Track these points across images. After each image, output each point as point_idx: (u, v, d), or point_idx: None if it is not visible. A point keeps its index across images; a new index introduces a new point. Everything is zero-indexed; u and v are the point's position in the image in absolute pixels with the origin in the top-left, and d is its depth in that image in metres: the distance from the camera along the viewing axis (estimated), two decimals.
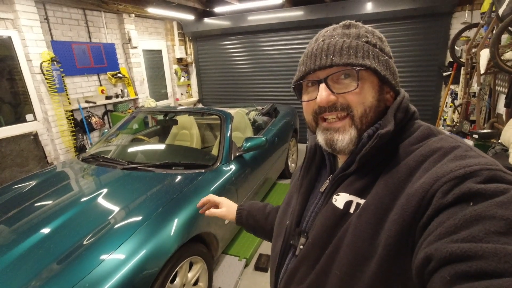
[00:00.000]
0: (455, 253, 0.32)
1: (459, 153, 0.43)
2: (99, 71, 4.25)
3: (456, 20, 4.13)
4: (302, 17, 4.94)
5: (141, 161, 2.28)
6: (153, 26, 5.31)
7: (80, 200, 1.75)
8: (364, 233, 0.46)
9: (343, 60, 0.51)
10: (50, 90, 3.43)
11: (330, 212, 0.53)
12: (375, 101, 0.53)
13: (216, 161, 2.20)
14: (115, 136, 2.86)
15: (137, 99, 4.86)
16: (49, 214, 1.61)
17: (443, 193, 0.38)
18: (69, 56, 3.81)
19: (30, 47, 3.26)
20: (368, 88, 0.53)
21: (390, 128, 0.49)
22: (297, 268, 0.57)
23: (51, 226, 1.51)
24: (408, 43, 4.46)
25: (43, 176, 2.18)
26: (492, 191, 0.35)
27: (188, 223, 1.64)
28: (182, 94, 6.16)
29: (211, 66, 6.08)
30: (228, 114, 2.62)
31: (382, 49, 0.54)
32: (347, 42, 0.52)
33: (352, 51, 0.52)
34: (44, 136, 3.61)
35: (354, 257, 0.47)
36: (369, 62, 0.51)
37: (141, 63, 4.97)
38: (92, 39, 4.15)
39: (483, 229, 0.32)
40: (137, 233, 1.43)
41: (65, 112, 3.67)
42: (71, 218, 1.57)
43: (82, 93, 4.07)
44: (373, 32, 0.56)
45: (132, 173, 2.06)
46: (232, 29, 5.45)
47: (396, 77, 0.55)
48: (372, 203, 0.47)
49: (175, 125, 3.25)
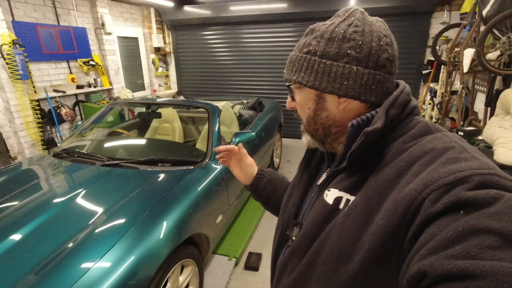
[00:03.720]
0: (451, 271, 0.31)
1: (451, 156, 0.41)
2: (68, 58, 3.89)
3: (435, 20, 4.26)
4: (286, 9, 4.85)
5: (122, 157, 2.10)
6: (128, 11, 4.97)
7: (54, 202, 1.56)
8: (349, 233, 0.46)
9: (285, 76, 0.57)
10: (12, 76, 3.07)
11: (320, 207, 0.54)
12: (311, 112, 0.55)
13: (205, 157, 2.07)
14: (89, 129, 2.62)
15: (111, 90, 4.54)
16: (19, 218, 1.41)
17: (432, 202, 0.37)
18: (34, 40, 3.44)
19: None
20: (304, 100, 0.56)
21: (378, 125, 0.47)
22: (289, 258, 0.59)
23: (21, 232, 1.32)
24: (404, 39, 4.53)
25: (8, 173, 1.93)
26: (483, 198, 0.34)
27: (180, 225, 1.52)
28: (160, 86, 5.87)
29: (191, 57, 5.84)
30: (216, 107, 2.49)
31: (326, 53, 0.51)
32: (292, 56, 0.55)
33: (290, 66, 0.55)
34: (6, 128, 3.25)
35: (338, 255, 0.47)
36: (295, 76, 0.53)
37: (116, 51, 4.63)
38: (61, 22, 3.78)
39: (477, 244, 0.31)
40: (124, 239, 1.28)
41: (30, 102, 3.32)
42: (46, 222, 1.39)
43: (50, 81, 3.71)
44: (323, 34, 0.51)
45: (114, 170, 1.88)
46: (214, 19, 5.24)
47: (344, 81, 0.50)
48: (359, 203, 0.47)
49: (156, 119, 3.06)
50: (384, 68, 0.51)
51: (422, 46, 4.44)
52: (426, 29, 4.35)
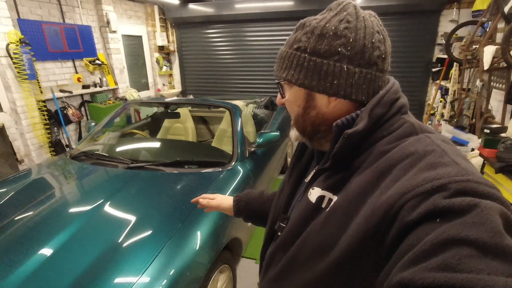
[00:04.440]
0: (431, 285, 0.31)
1: (431, 161, 0.41)
2: (74, 57, 3.77)
3: (444, 18, 4.26)
4: (292, 7, 4.80)
5: (146, 159, 2.02)
6: (132, 9, 4.85)
7: (83, 210, 1.47)
8: (329, 233, 0.47)
9: (275, 72, 0.55)
10: (19, 76, 2.95)
11: (304, 205, 0.56)
12: (301, 110, 0.55)
13: (232, 158, 2.01)
14: (104, 131, 2.53)
15: (117, 89, 4.43)
16: (45, 230, 1.31)
17: (408, 210, 0.38)
18: (40, 38, 3.32)
19: None
20: (294, 97, 0.55)
21: (359, 127, 0.47)
22: (275, 252, 0.61)
23: (51, 246, 1.21)
24: (397, 38, 4.52)
25: (25, 178, 1.83)
26: (458, 206, 0.34)
27: (218, 231, 1.45)
28: (164, 85, 5.77)
29: (195, 55, 5.75)
30: (237, 107, 2.43)
31: (316, 51, 0.49)
32: (282, 52, 0.54)
33: (280, 63, 0.54)
34: (12, 130, 3.13)
35: (317, 252, 0.49)
36: (285, 73, 0.52)
37: (120, 50, 4.52)
38: (66, 19, 3.66)
39: (455, 255, 0.32)
40: (163, 252, 1.20)
41: (37, 102, 3.21)
42: (76, 234, 1.28)
43: (56, 81, 3.59)
44: (314, 30, 0.49)
45: (139, 174, 1.80)
46: (219, 17, 5.16)
47: (334, 79, 0.49)
48: (340, 206, 0.48)
49: (167, 119, 2.98)
50: (376, 66, 0.49)
51: (430, 44, 4.44)
52: (434, 27, 4.35)
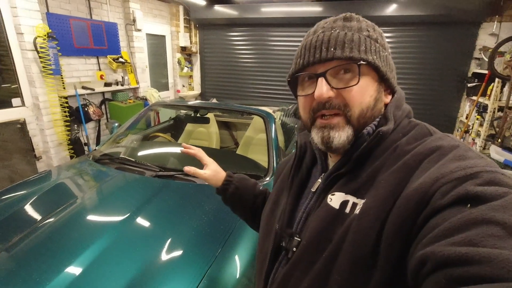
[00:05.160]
0: (451, 257, 0.32)
1: (458, 153, 0.42)
2: (98, 54, 3.70)
3: (483, 31, 4.04)
4: (321, 13, 4.65)
5: (175, 167, 1.87)
6: (158, 8, 4.79)
7: (112, 222, 1.34)
8: (366, 237, 0.44)
9: (345, 53, 0.49)
10: (44, 71, 2.87)
11: (325, 212, 0.51)
12: (372, 100, 0.52)
13: (268, 172, 1.85)
14: (128, 133, 2.40)
15: (137, 88, 4.34)
16: (71, 245, 1.16)
17: (442, 194, 0.38)
18: (67, 33, 3.25)
19: (22, 17, 2.69)
20: (367, 85, 0.51)
21: (391, 126, 0.49)
22: (291, 272, 0.54)
23: (79, 263, 1.07)
24: (431, 49, 4.33)
25: (44, 181, 1.71)
26: (491, 194, 0.35)
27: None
28: (184, 86, 5.67)
29: (216, 58, 5.64)
30: (270, 114, 2.27)
31: (382, 44, 0.52)
32: (349, 35, 0.50)
33: (354, 45, 0.50)
34: (33, 125, 3.05)
35: (355, 263, 0.44)
36: (371, 57, 0.50)
37: (144, 48, 4.44)
38: (93, 15, 3.59)
39: (480, 233, 0.32)
40: (203, 282, 1.04)
41: (59, 99, 3.12)
42: (106, 251, 1.13)
43: (79, 77, 3.51)
44: (374, 26, 0.53)
45: (170, 184, 1.66)
46: (243, 19, 5.05)
47: (394, 75, 0.55)
48: (373, 205, 0.45)
49: (195, 123, 2.85)
50: None
51: (466, 58, 4.22)
52: (472, 40, 4.12)
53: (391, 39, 4.49)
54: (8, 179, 2.85)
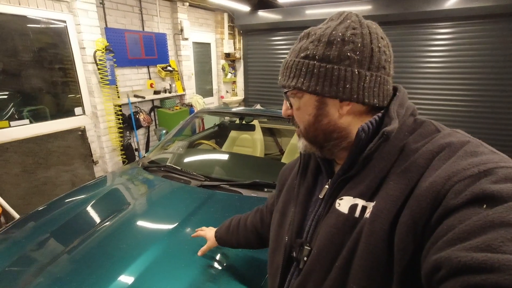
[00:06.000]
0: (468, 263, 0.29)
1: (469, 149, 0.40)
2: (149, 63, 3.89)
3: None
4: (370, 11, 4.36)
5: (220, 177, 1.84)
6: (203, 17, 4.93)
7: (161, 231, 1.33)
8: (380, 241, 0.42)
9: (282, 82, 0.54)
10: (102, 81, 3.09)
11: (334, 219, 0.50)
12: (311, 118, 0.52)
13: None
14: (172, 141, 2.44)
15: (184, 95, 4.49)
16: (124, 252, 1.18)
17: (455, 193, 0.36)
18: (122, 46, 3.47)
19: (84, 33, 2.93)
20: (304, 105, 0.52)
21: (396, 125, 0.47)
22: (304, 284, 0.52)
23: (129, 273, 1.06)
24: (498, 45, 3.78)
25: (101, 186, 1.78)
26: (507, 193, 0.32)
27: None
28: (227, 92, 5.76)
29: (259, 63, 5.62)
30: None
31: (324, 58, 0.48)
32: (289, 61, 0.53)
33: (287, 72, 0.53)
34: (91, 132, 3.29)
35: (372, 269, 0.42)
36: (293, 82, 0.51)
37: (190, 56, 4.59)
38: (145, 27, 3.80)
39: (498, 237, 0.29)
40: None
41: (114, 107, 3.34)
42: (156, 261, 1.12)
43: (131, 86, 3.73)
44: (327, 35, 0.48)
45: (215, 195, 1.62)
46: (287, 23, 4.95)
47: (349, 83, 0.48)
48: (384, 207, 0.43)
49: (240, 130, 2.82)
50: (384, 70, 0.49)
51: None
52: None
53: (450, 35, 4.03)
54: (69, 182, 3.11)
